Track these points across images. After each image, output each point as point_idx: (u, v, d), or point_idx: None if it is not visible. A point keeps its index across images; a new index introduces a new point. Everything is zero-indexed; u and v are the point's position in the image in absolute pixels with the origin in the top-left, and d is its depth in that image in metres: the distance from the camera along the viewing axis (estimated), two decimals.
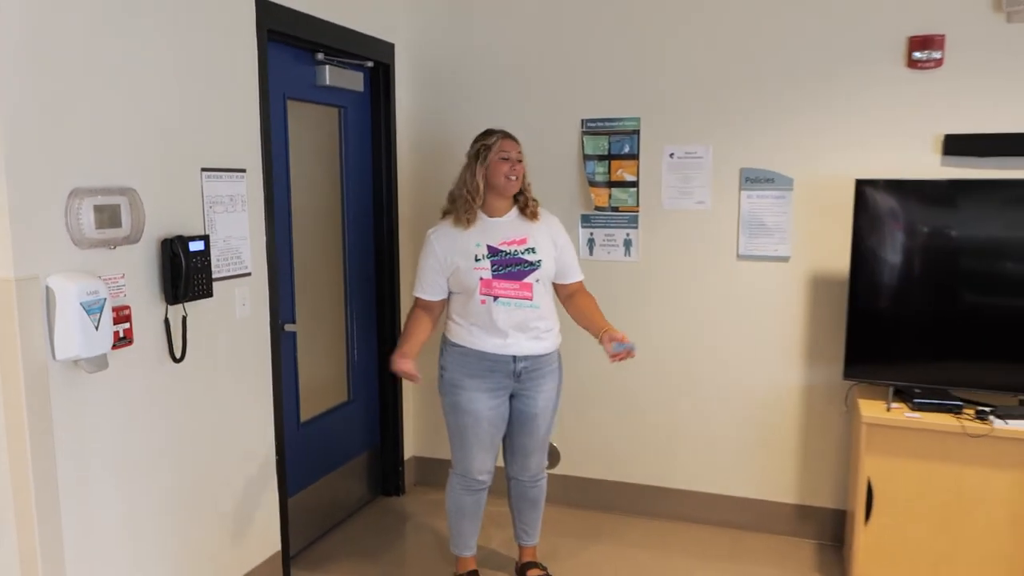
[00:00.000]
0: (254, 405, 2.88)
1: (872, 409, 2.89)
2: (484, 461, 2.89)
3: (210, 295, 2.57)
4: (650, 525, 3.59)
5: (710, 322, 3.47)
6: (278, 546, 3.03)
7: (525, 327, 2.76)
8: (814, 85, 3.21)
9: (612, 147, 3.49)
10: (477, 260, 2.73)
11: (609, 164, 3.51)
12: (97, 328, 2.15)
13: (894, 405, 2.92)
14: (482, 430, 2.83)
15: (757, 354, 3.42)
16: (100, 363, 2.19)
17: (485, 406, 2.81)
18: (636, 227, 3.51)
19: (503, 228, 2.78)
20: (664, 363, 3.55)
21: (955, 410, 2.83)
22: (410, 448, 3.99)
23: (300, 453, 3.28)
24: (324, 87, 3.28)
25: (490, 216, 2.79)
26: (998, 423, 2.73)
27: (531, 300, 2.75)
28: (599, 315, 2.87)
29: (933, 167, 3.09)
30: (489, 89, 3.67)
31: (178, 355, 2.48)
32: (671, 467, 3.62)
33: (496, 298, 2.72)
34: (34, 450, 2.10)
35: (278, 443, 3.00)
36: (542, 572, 3.07)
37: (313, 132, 3.37)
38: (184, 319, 2.49)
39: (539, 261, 2.77)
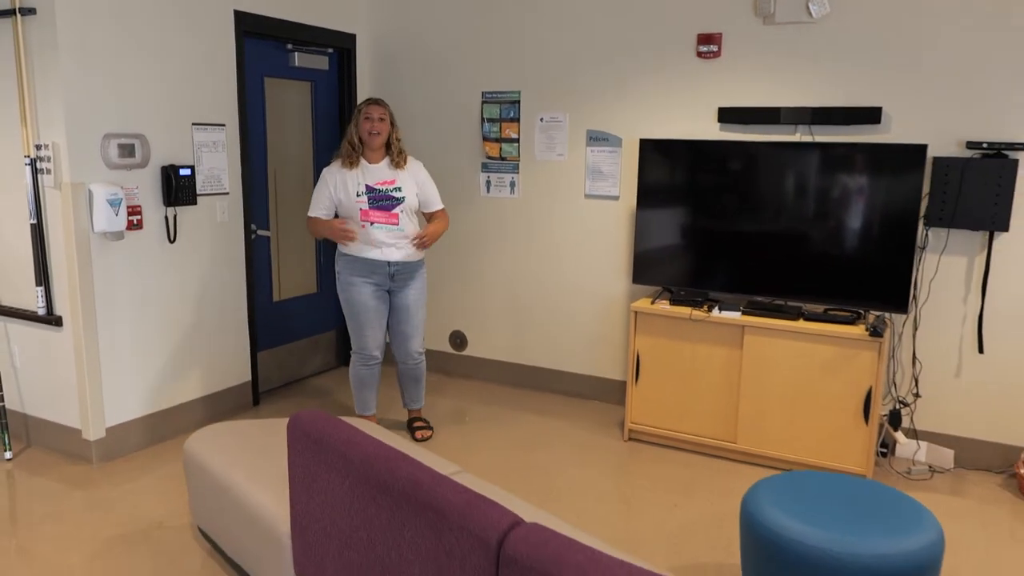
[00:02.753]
0: (231, 282, 4.37)
1: (641, 303, 4.08)
2: (374, 338, 3.94)
3: (195, 203, 4.05)
4: (520, 392, 4.90)
5: (567, 244, 4.70)
6: (249, 377, 4.54)
7: (393, 242, 3.82)
8: (634, 69, 4.36)
9: (502, 113, 4.75)
10: (358, 195, 3.77)
11: (500, 125, 4.77)
12: (117, 215, 3.66)
13: (661, 301, 4.10)
14: (370, 314, 3.89)
15: (597, 267, 4.63)
16: (119, 236, 3.72)
17: (370, 296, 3.87)
18: (518, 172, 4.77)
19: (378, 172, 3.84)
20: (537, 274, 4.82)
21: (697, 305, 3.99)
22: None
23: (272, 321, 4.78)
24: (295, 67, 4.70)
25: (369, 163, 3.84)
26: (715, 312, 3.87)
27: (397, 224, 3.89)
28: (430, 226, 3.92)
29: (714, 131, 4.20)
30: (423, 69, 5.00)
31: (172, 239, 3.99)
32: (541, 350, 4.91)
33: (372, 223, 3.81)
34: (82, 287, 3.64)
35: (250, 310, 4.49)
36: (424, 423, 4.29)
37: (292, 99, 4.79)
38: (175, 216, 3.99)
39: (403, 197, 3.86)
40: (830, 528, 2.37)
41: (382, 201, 3.83)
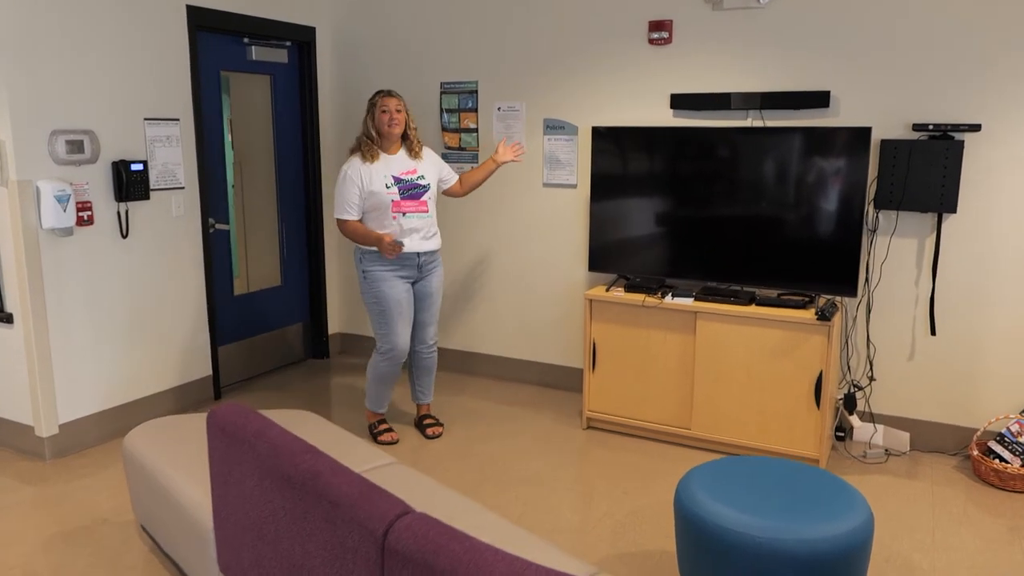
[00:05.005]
0: (189, 276, 4.37)
1: (596, 291, 4.08)
2: (404, 334, 3.83)
3: (147, 198, 4.05)
4: (483, 382, 4.90)
5: (527, 233, 4.70)
6: (210, 372, 4.54)
7: (422, 231, 3.79)
8: (588, 58, 4.34)
9: (460, 103, 4.74)
10: (387, 187, 3.69)
11: (459, 115, 4.75)
12: (65, 211, 3.65)
13: (616, 289, 4.09)
14: (403, 309, 3.81)
15: (557, 256, 4.63)
16: (67, 232, 3.71)
17: (402, 290, 3.80)
18: (476, 162, 4.75)
19: (398, 162, 3.75)
20: (498, 264, 4.82)
21: (651, 291, 3.98)
22: (334, 325, 5.44)
23: (233, 316, 4.77)
24: (253, 61, 4.68)
25: (387, 153, 3.75)
26: (667, 299, 3.87)
27: (427, 212, 3.82)
28: (479, 167, 3.95)
29: (667, 118, 4.18)
30: (385, 59, 4.98)
31: (125, 234, 3.98)
32: (504, 340, 4.91)
33: (404, 213, 3.75)
34: (31, 283, 3.63)
35: (209, 306, 4.49)
36: (434, 420, 4.14)
37: (252, 92, 4.77)
38: (127, 211, 3.98)
39: (428, 184, 3.80)
40: (757, 513, 2.37)
41: (411, 190, 3.77)
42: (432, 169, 3.88)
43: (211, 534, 2.35)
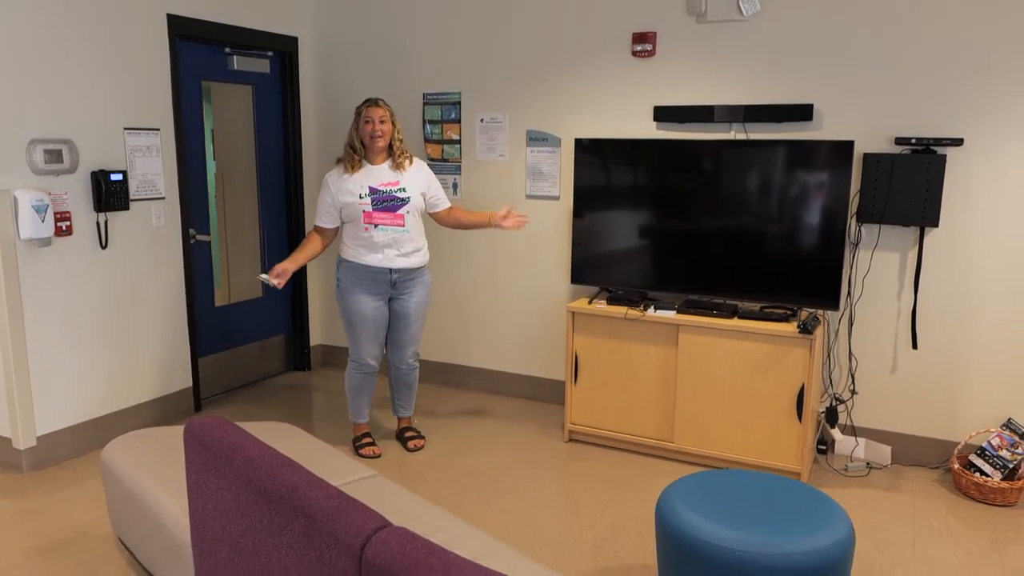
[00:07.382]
0: (169, 287, 4.32)
1: (578, 303, 4.07)
2: (371, 349, 3.85)
3: (127, 208, 4.00)
4: (464, 394, 4.87)
5: (509, 245, 4.69)
6: (190, 383, 4.49)
7: (397, 247, 3.72)
8: (572, 70, 4.35)
9: (443, 114, 4.73)
10: (361, 197, 3.66)
11: (441, 126, 4.75)
12: (43, 221, 3.61)
13: (598, 301, 4.08)
14: (368, 325, 3.80)
15: (540, 268, 4.62)
16: (46, 242, 3.67)
17: (369, 306, 3.77)
18: (460, 173, 4.75)
19: (380, 174, 3.71)
20: (481, 276, 4.80)
21: (633, 304, 3.98)
22: (316, 337, 5.40)
23: (214, 328, 4.73)
24: (235, 71, 4.66)
25: (371, 164, 3.72)
26: (650, 311, 3.87)
27: (403, 226, 3.73)
28: (476, 213, 3.93)
29: (650, 130, 4.20)
30: (367, 70, 4.97)
31: (104, 244, 3.94)
32: (485, 352, 4.89)
33: (376, 225, 3.70)
34: (8, 294, 3.58)
35: (190, 317, 4.44)
36: (415, 433, 4.12)
37: (234, 101, 4.75)
38: (106, 222, 3.94)
39: (408, 198, 3.71)
40: (738, 527, 2.36)
41: (386, 202, 3.71)
42: (417, 184, 3.81)
43: (189, 548, 2.32)
